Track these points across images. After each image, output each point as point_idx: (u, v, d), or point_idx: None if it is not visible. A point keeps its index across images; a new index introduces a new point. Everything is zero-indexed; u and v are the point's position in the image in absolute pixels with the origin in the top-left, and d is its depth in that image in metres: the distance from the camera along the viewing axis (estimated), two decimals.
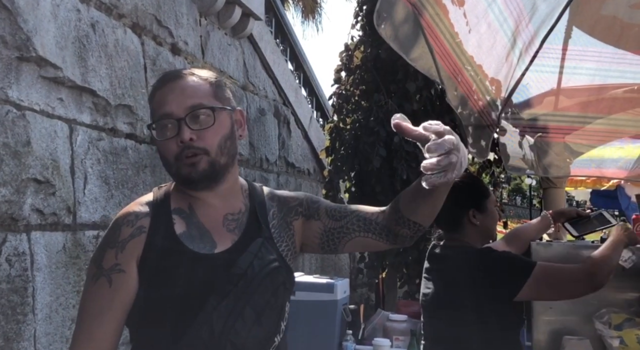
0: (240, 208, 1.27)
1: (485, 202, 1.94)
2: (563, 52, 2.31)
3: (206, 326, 1.14)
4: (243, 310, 1.16)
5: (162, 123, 1.21)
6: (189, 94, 1.21)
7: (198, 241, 1.20)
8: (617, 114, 2.46)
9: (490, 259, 1.83)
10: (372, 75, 4.22)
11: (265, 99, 5.71)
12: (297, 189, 6.57)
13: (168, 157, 1.21)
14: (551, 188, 2.70)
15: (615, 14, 2.27)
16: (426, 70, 1.98)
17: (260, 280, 1.19)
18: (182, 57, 4.05)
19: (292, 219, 1.32)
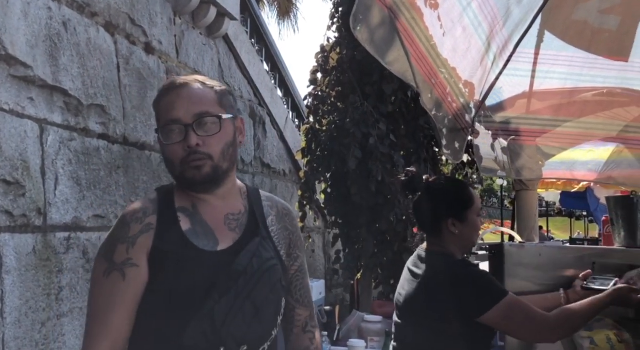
0: (240, 209, 1.37)
1: (466, 212, 1.91)
2: (535, 56, 2.34)
3: (208, 320, 1.21)
4: (243, 305, 1.24)
5: (169, 128, 1.29)
6: (196, 101, 1.29)
7: (202, 238, 1.28)
8: (588, 117, 2.50)
9: (466, 273, 1.83)
10: (348, 76, 4.24)
11: (240, 100, 5.67)
12: (273, 190, 6.55)
13: (174, 160, 1.30)
14: (524, 190, 2.74)
15: (586, 19, 2.31)
16: (402, 73, 1.98)
17: (259, 277, 1.28)
18: (156, 56, 4.00)
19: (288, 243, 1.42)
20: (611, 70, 2.35)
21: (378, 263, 4.34)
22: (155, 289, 1.25)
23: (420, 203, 1.98)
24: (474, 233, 1.95)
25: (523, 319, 1.77)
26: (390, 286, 4.28)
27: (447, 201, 1.92)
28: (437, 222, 1.90)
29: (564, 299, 2.06)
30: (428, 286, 1.82)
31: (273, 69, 6.83)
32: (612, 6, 2.21)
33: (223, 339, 1.22)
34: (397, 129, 4.25)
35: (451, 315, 1.78)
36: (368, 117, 3.91)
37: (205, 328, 1.21)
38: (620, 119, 2.60)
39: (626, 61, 2.32)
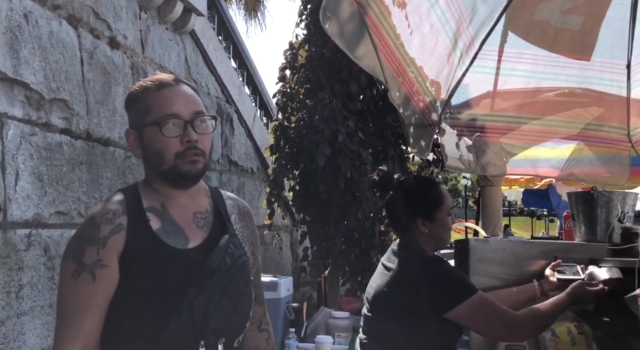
0: (207, 207, 1.40)
1: (436, 212, 1.92)
2: (499, 53, 2.38)
3: (188, 315, 1.25)
4: (220, 300, 1.29)
5: (166, 122, 1.31)
6: (192, 100, 1.35)
7: (173, 237, 1.31)
8: (551, 116, 2.56)
9: (436, 268, 1.85)
10: (317, 74, 4.23)
11: (207, 96, 5.62)
12: (240, 188, 6.51)
13: (167, 154, 1.31)
14: (488, 186, 2.79)
15: (548, 19, 2.36)
16: (370, 68, 2.00)
17: (234, 273, 1.33)
18: (120, 51, 3.93)
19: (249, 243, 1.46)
20: (573, 69, 2.41)
21: (346, 260, 4.35)
22: (129, 289, 1.26)
23: (391, 202, 2.00)
24: (444, 232, 1.96)
25: (491, 317, 1.79)
26: (358, 283, 4.29)
27: (416, 201, 1.93)
28: (407, 222, 1.92)
29: (538, 290, 2.10)
30: (399, 280, 1.84)
31: (241, 66, 6.78)
32: (575, 6, 2.26)
33: (203, 333, 1.25)
34: (366, 126, 4.27)
35: (421, 309, 1.79)
36: (337, 114, 3.92)
37: (186, 323, 1.24)
38: (580, 118, 2.67)
39: (588, 60, 2.38)
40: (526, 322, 1.81)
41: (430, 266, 1.85)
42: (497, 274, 2.28)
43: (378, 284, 1.91)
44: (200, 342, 1.25)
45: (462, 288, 1.80)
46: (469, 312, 1.76)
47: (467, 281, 1.88)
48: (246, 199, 6.70)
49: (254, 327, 1.48)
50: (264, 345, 1.50)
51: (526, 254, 2.33)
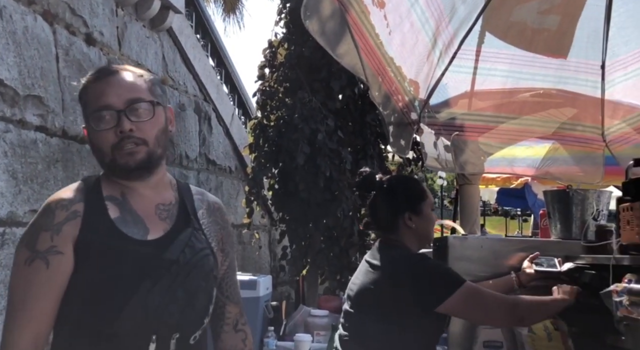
0: (171, 200, 1.35)
1: (422, 205, 1.93)
2: (477, 53, 2.41)
3: (140, 308, 1.20)
4: (176, 293, 1.24)
5: (99, 114, 1.26)
6: (127, 87, 1.28)
7: (132, 226, 1.26)
8: (527, 115, 2.60)
9: (423, 266, 1.85)
10: (296, 72, 4.23)
11: (185, 95, 5.57)
12: (218, 187, 6.47)
13: (104, 147, 1.26)
14: (466, 184, 2.82)
15: (525, 20, 2.40)
16: (352, 66, 2.00)
17: (192, 266, 1.28)
18: (97, 48, 3.87)
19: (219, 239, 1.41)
20: (549, 69, 2.45)
21: (325, 259, 4.36)
22: (83, 278, 1.22)
23: (376, 201, 2.00)
24: (429, 226, 1.98)
25: (483, 305, 1.80)
26: (337, 281, 4.31)
27: (402, 196, 1.94)
28: (394, 218, 1.92)
29: (515, 282, 2.13)
30: (384, 278, 1.83)
31: (219, 65, 6.74)
32: (551, 7, 2.30)
33: (156, 327, 1.22)
34: (345, 125, 4.29)
35: (405, 307, 1.79)
36: (316, 113, 3.92)
37: (138, 316, 1.20)
38: (555, 118, 2.72)
39: (565, 58, 2.42)
40: (520, 313, 1.83)
41: (416, 262, 1.86)
42: (475, 271, 2.30)
43: (362, 281, 1.91)
44: (152, 337, 1.21)
45: (450, 280, 1.80)
46: (462, 302, 1.77)
47: (454, 273, 1.88)
48: (224, 198, 6.67)
49: (229, 327, 1.43)
50: (240, 345, 1.44)
51: (504, 251, 2.35)
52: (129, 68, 1.34)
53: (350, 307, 1.95)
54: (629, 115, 2.52)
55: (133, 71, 1.33)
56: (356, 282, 1.94)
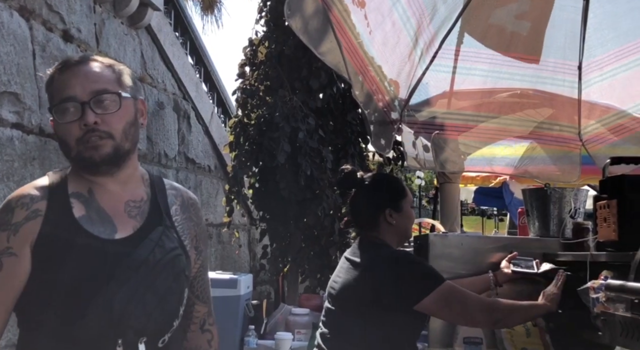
0: (142, 196, 1.29)
1: (402, 202, 1.95)
2: (457, 53, 2.44)
3: (106, 311, 1.15)
4: (144, 295, 1.18)
5: (63, 106, 1.21)
6: (93, 78, 1.22)
7: (98, 225, 1.20)
8: (506, 115, 2.64)
9: (404, 263, 1.86)
10: (277, 71, 4.22)
11: (164, 92, 5.52)
12: (198, 186, 6.42)
13: (69, 141, 1.21)
14: (447, 183, 2.85)
15: (503, 24, 2.43)
16: (334, 65, 2.01)
17: (162, 267, 1.22)
18: (74, 44, 3.82)
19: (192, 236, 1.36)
20: (528, 69, 2.49)
21: (305, 257, 4.36)
22: (44, 279, 1.16)
23: (357, 198, 2.01)
24: (409, 223, 1.99)
25: (461, 304, 1.81)
26: (317, 280, 4.31)
27: (383, 193, 1.95)
28: (375, 215, 1.93)
29: (492, 281, 2.16)
30: (365, 275, 1.84)
31: (198, 63, 6.69)
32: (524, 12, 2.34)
33: (121, 331, 1.16)
34: (326, 124, 4.29)
35: (388, 303, 1.80)
36: (297, 111, 3.92)
37: (102, 319, 1.14)
38: (533, 118, 2.76)
39: (537, 63, 2.46)
40: (497, 315, 1.84)
41: (396, 260, 1.86)
42: (455, 268, 2.33)
43: (344, 278, 1.91)
44: (117, 341, 1.15)
45: (429, 278, 1.80)
46: (440, 300, 1.78)
47: (435, 271, 1.88)
48: (203, 197, 6.63)
49: (196, 327, 1.38)
50: (205, 346, 1.39)
51: (483, 249, 2.38)
52: (98, 58, 1.28)
53: (331, 304, 1.95)
54: (605, 116, 2.58)
55: (101, 61, 1.27)
56: (337, 279, 1.94)
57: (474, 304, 1.82)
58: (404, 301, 1.79)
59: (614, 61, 2.39)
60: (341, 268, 1.96)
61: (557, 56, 2.45)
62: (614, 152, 2.45)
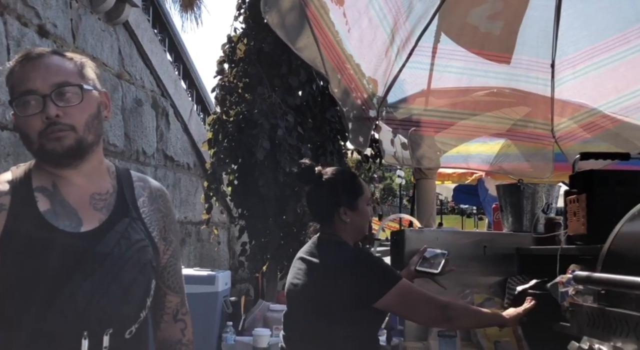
0: (108, 189, 1.29)
1: (357, 200, 1.94)
2: (433, 50, 2.47)
3: (71, 303, 1.16)
4: (109, 287, 1.19)
5: (24, 99, 1.20)
6: (54, 71, 1.22)
7: (64, 219, 1.20)
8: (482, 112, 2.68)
9: (361, 259, 1.87)
10: (256, 68, 4.22)
11: (142, 89, 5.48)
12: (176, 183, 6.39)
13: (30, 134, 1.21)
14: (423, 179, 2.88)
15: (476, 24, 2.46)
16: (311, 60, 2.02)
17: (128, 258, 1.23)
18: (50, 40, 3.77)
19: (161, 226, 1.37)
20: (502, 67, 2.53)
21: (284, 254, 4.37)
22: (9, 273, 1.16)
23: (314, 193, 2.00)
24: (364, 221, 1.98)
25: (417, 303, 1.83)
26: None
27: (338, 190, 1.93)
28: (330, 211, 1.91)
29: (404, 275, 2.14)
30: (325, 274, 1.83)
31: (177, 60, 6.65)
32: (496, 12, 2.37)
33: (86, 322, 1.16)
34: (305, 121, 4.30)
35: (348, 301, 1.80)
36: (276, 108, 3.93)
37: (67, 311, 1.15)
38: (508, 115, 2.81)
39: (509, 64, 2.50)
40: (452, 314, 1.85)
41: (354, 257, 1.87)
42: None
43: (304, 280, 1.88)
44: (83, 333, 1.15)
45: (387, 276, 1.82)
46: (399, 298, 1.78)
47: (392, 269, 1.90)
48: (182, 195, 6.60)
49: (169, 317, 1.39)
50: (178, 335, 1.39)
51: (458, 244, 2.42)
52: (58, 51, 1.28)
53: (293, 307, 1.93)
54: (577, 113, 2.63)
55: (62, 54, 1.26)
56: (297, 282, 1.91)
57: (429, 301, 1.83)
58: (365, 299, 1.79)
59: (585, 59, 2.44)
60: (299, 270, 1.92)
61: (530, 54, 2.50)
62: (586, 148, 2.50)
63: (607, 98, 2.50)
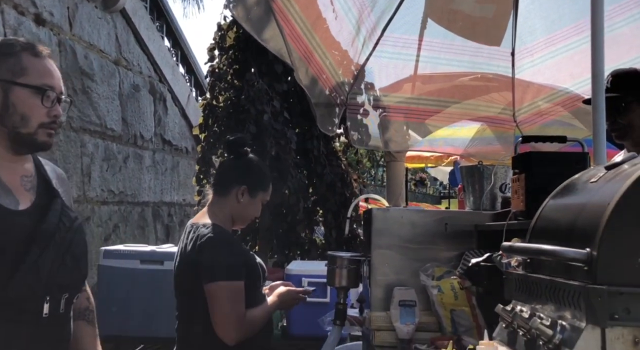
0: (32, 171, 1.42)
1: (259, 191, 2.00)
2: (399, 40, 2.62)
3: (33, 272, 1.28)
4: (64, 257, 1.35)
5: (45, 91, 1.35)
6: (59, 77, 1.41)
7: (4, 198, 1.31)
8: (445, 97, 2.83)
9: (215, 241, 1.87)
10: (245, 55, 4.37)
11: (139, 75, 5.65)
12: (175, 167, 6.58)
13: (32, 120, 1.34)
14: (393, 162, 3.04)
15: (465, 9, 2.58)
16: (277, 51, 2.18)
17: (74, 233, 1.39)
18: (47, 28, 3.94)
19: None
20: (464, 55, 2.67)
21: (273, 235, 4.55)
22: None
23: (230, 163, 2.09)
24: (250, 213, 2.03)
25: (226, 309, 1.81)
26: (285, 255, 4.52)
27: (252, 171, 2.02)
28: (231, 185, 1.97)
29: None
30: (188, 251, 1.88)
31: (175, 46, 6.81)
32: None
33: (48, 288, 1.30)
34: (292, 106, 4.45)
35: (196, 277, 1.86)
36: (262, 94, 4.07)
37: (31, 280, 1.27)
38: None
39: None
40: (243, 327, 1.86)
41: (211, 236, 1.86)
42: (396, 238, 2.53)
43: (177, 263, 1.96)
44: (46, 298, 1.30)
45: (226, 268, 1.83)
46: (219, 292, 1.80)
47: (237, 266, 1.88)
48: (180, 178, 6.80)
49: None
50: (85, 303, 1.54)
51: (421, 222, 2.58)
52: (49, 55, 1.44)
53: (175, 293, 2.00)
54: (536, 99, 2.78)
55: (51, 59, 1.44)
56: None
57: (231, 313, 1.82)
58: (201, 279, 1.83)
59: (543, 48, 2.58)
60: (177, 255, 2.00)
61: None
62: (544, 132, 2.65)
63: (563, 84, 2.64)
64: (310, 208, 4.64)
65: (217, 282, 1.81)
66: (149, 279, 3.24)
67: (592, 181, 1.16)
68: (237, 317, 1.84)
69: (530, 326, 0.99)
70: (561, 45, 2.53)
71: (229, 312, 1.82)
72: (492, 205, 2.63)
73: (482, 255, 2.40)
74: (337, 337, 2.46)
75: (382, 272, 2.58)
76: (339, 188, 4.36)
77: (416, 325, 2.26)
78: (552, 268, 1.10)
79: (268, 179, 2.10)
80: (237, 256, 1.92)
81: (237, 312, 1.84)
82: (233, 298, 1.84)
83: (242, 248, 2.08)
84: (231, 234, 2.04)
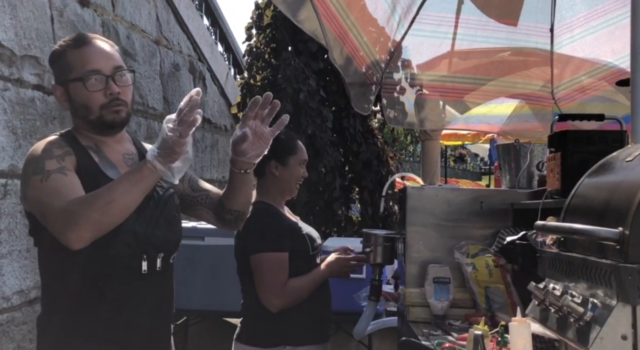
0: (132, 150, 1.61)
1: (289, 157, 2.09)
2: (435, 18, 2.60)
3: (131, 233, 1.45)
4: (158, 220, 1.52)
5: (90, 77, 1.47)
6: (110, 56, 1.52)
7: (109, 170, 1.50)
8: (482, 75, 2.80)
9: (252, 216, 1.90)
10: (282, 34, 4.40)
11: (179, 55, 5.74)
12: (214, 144, 6.70)
13: (92, 106, 1.48)
14: (428, 140, 3.04)
15: None
16: (312, 32, 2.21)
17: (166, 200, 1.56)
18: (91, 9, 4.04)
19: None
20: (501, 32, 2.64)
21: (311, 212, 4.62)
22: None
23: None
24: (292, 179, 2.11)
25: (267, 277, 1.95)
26: (322, 232, 4.60)
27: (273, 144, 2.02)
28: (262, 162, 1.98)
29: None
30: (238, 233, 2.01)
31: (213, 24, 6.86)
32: None
33: (145, 248, 1.48)
34: (329, 85, 4.47)
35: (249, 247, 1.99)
36: (299, 73, 4.11)
37: (130, 240, 1.45)
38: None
39: (515, 25, 2.61)
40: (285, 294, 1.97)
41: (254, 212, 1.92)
42: (430, 216, 2.55)
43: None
44: (143, 256, 1.48)
45: (267, 240, 1.96)
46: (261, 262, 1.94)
47: (278, 236, 2.00)
48: (220, 156, 6.92)
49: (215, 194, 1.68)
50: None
51: (456, 200, 2.60)
52: (101, 38, 1.55)
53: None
54: (575, 75, 2.72)
55: (106, 41, 1.55)
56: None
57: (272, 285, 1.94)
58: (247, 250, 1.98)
59: (583, 24, 2.52)
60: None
61: (529, 20, 2.59)
62: (583, 109, 2.61)
63: (604, 60, 2.58)
64: (347, 186, 4.68)
65: (259, 254, 1.95)
66: (190, 254, 3.35)
67: (627, 160, 1.16)
68: (279, 285, 1.95)
69: (562, 304, 1.01)
70: (602, 20, 2.47)
71: (270, 281, 1.95)
72: (528, 183, 2.62)
73: (517, 234, 2.42)
74: (372, 312, 2.52)
75: (417, 250, 2.62)
76: (374, 166, 4.38)
77: (450, 302, 2.30)
78: (585, 247, 1.11)
79: (291, 140, 2.16)
80: (278, 228, 2.02)
81: (279, 280, 1.96)
82: (275, 268, 1.96)
83: (285, 220, 2.14)
84: (275, 208, 2.12)
